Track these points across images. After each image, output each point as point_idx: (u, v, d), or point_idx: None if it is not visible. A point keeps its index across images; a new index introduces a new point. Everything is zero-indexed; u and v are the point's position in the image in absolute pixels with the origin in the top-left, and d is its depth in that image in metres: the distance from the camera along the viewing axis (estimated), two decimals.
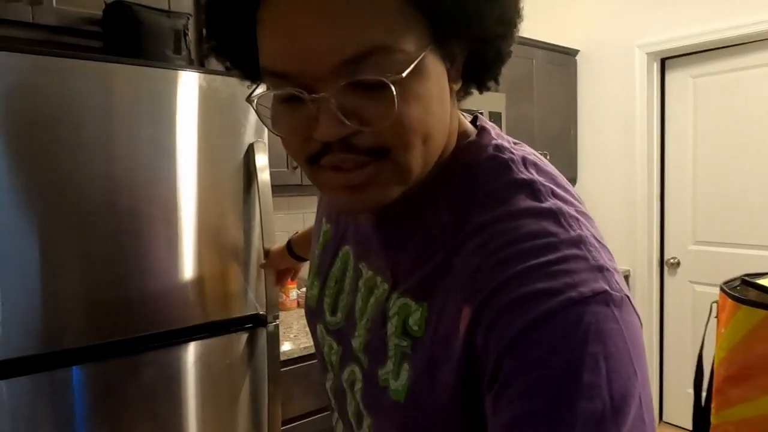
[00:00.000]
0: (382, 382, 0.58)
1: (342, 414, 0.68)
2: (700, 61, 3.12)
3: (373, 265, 0.62)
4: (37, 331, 1.29)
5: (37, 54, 1.29)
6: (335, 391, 0.68)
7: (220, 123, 1.56)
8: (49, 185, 1.30)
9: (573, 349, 0.44)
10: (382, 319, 0.59)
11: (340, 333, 0.66)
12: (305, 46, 0.46)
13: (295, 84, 0.47)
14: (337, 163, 0.50)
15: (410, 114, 0.48)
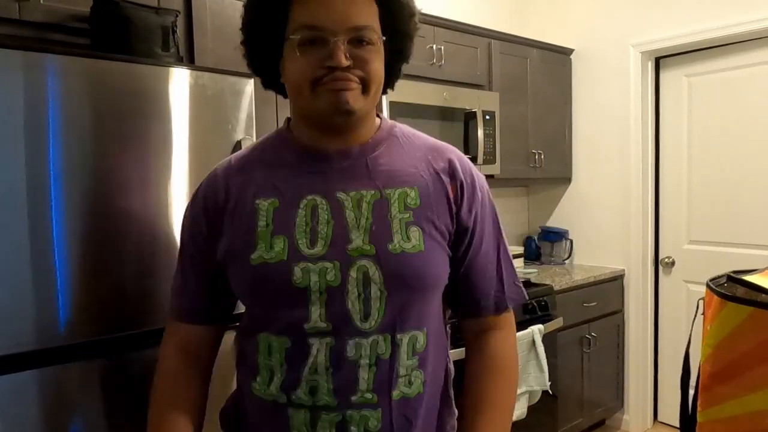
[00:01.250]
0: (396, 251, 0.89)
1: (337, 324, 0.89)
2: (695, 60, 3.12)
3: (355, 188, 0.92)
4: (27, 328, 1.28)
5: (25, 50, 1.28)
6: (328, 302, 0.89)
7: (209, 120, 1.56)
8: (38, 182, 1.29)
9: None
10: (385, 208, 0.91)
11: (331, 252, 0.89)
12: (335, 14, 0.86)
13: (323, 33, 0.86)
14: (337, 79, 0.87)
15: (377, 66, 0.91)
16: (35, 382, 1.30)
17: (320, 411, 0.90)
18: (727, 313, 0.99)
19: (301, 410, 0.91)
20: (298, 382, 0.91)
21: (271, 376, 0.93)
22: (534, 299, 2.69)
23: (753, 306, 0.96)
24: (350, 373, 0.90)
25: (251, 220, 0.93)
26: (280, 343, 0.91)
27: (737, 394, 1.00)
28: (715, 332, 1.01)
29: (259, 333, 0.94)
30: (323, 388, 0.90)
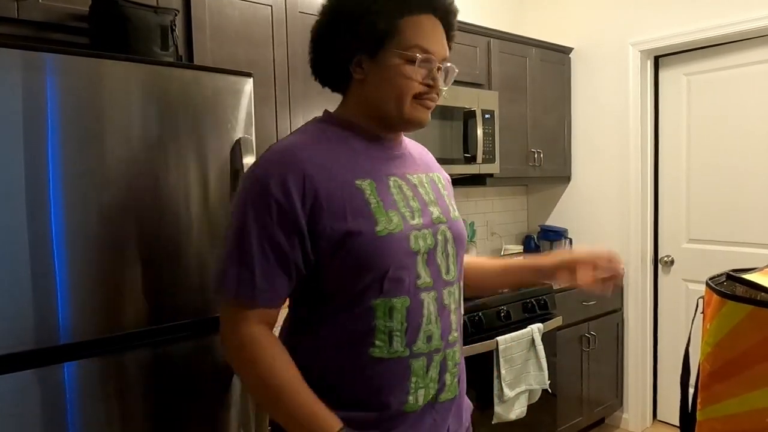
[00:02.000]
0: (455, 218, 1.17)
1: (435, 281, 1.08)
2: (694, 58, 3.12)
3: (414, 171, 1.15)
4: (26, 328, 1.28)
5: (24, 49, 1.27)
6: (428, 261, 1.08)
7: (208, 119, 1.55)
8: (37, 181, 1.29)
9: None
10: (436, 187, 1.17)
11: (425, 221, 1.09)
12: (441, 44, 1.09)
13: (432, 56, 1.06)
14: (432, 99, 1.09)
15: None
16: (35, 382, 1.29)
17: (432, 355, 1.08)
18: (726, 311, 0.99)
19: (420, 358, 1.06)
20: (418, 335, 1.06)
21: (390, 337, 1.04)
22: (533, 298, 2.69)
23: (752, 304, 0.96)
24: (447, 318, 1.11)
25: (358, 199, 1.03)
26: (402, 302, 1.03)
27: (737, 393, 1.00)
28: (715, 331, 1.01)
29: (371, 301, 1.02)
30: (435, 334, 1.08)
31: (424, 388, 1.08)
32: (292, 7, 2.21)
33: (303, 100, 2.25)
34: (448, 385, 1.12)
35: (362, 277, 1.02)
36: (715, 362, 1.01)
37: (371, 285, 1.02)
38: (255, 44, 2.10)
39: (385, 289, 1.02)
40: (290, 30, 2.21)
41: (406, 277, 1.04)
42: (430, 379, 1.08)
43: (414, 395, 1.06)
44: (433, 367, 1.08)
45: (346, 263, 1.01)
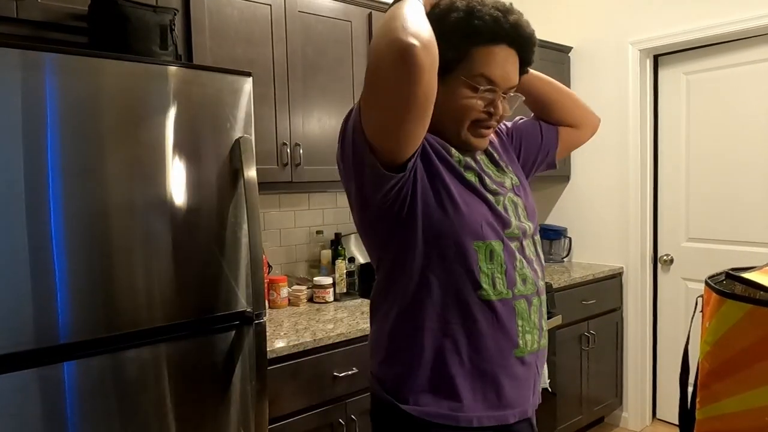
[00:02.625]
0: (516, 183, 1.23)
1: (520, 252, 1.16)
2: (693, 57, 3.12)
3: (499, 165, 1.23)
4: (26, 327, 1.28)
5: (23, 49, 1.27)
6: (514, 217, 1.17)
7: (207, 118, 1.55)
8: (37, 181, 1.29)
9: None
10: (495, 160, 1.23)
11: (499, 187, 1.17)
12: (507, 75, 1.11)
13: (495, 87, 1.10)
14: (488, 126, 1.14)
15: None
16: (35, 381, 1.30)
17: (531, 298, 1.15)
18: (725, 310, 0.99)
19: (522, 300, 1.13)
20: (515, 277, 1.13)
21: (493, 279, 1.10)
22: None
23: (751, 303, 0.96)
24: (533, 266, 1.18)
25: (451, 156, 1.15)
26: (498, 246, 1.10)
27: (736, 391, 1.00)
28: (714, 329, 1.01)
29: (474, 242, 1.09)
30: (529, 278, 1.15)
31: (530, 332, 1.14)
32: (291, 6, 2.21)
33: (302, 100, 2.25)
34: (544, 330, 1.19)
35: (466, 219, 1.10)
36: (714, 361, 1.01)
37: (473, 228, 1.09)
38: (254, 43, 2.10)
39: (484, 233, 1.09)
40: (289, 29, 2.21)
41: (499, 225, 1.13)
42: (533, 324, 1.15)
43: (523, 339, 1.13)
44: (533, 311, 1.15)
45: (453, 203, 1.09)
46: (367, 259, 2.82)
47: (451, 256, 1.08)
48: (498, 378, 1.11)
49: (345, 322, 2.17)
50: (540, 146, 1.36)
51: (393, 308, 1.13)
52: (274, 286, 2.40)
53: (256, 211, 1.61)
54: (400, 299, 1.12)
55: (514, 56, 1.13)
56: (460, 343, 1.10)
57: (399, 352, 1.13)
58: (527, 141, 1.35)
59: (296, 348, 1.89)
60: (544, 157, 1.37)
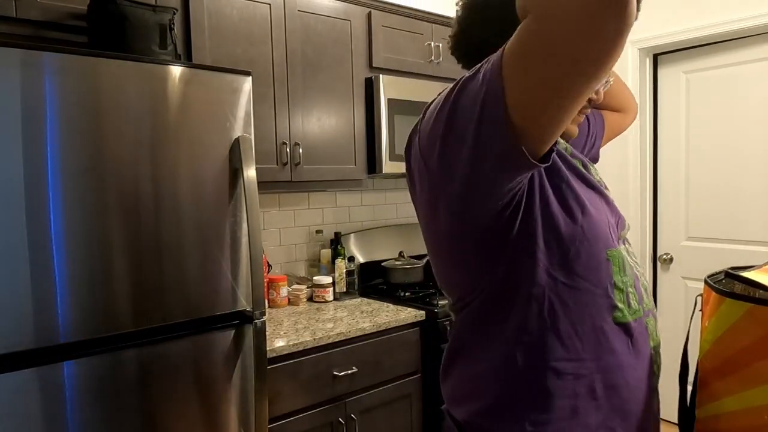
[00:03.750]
0: (605, 187, 1.00)
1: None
2: (693, 56, 3.12)
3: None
4: (26, 327, 1.28)
5: (23, 48, 1.27)
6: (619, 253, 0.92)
7: (207, 117, 1.55)
8: (36, 180, 1.29)
9: None
10: (584, 164, 0.98)
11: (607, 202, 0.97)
12: None
13: None
14: (584, 112, 1.02)
15: None
16: (35, 381, 1.30)
17: (650, 315, 0.96)
18: (725, 309, 0.99)
19: (650, 316, 0.95)
20: (641, 289, 0.95)
21: (626, 295, 0.90)
22: None
23: (751, 302, 0.96)
24: (638, 280, 0.96)
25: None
26: (624, 253, 0.92)
27: (736, 390, 1.00)
28: (714, 328, 1.01)
29: (607, 250, 0.88)
30: (644, 294, 0.96)
31: (659, 356, 0.97)
32: (290, 5, 2.21)
33: (302, 99, 2.25)
34: (657, 359, 0.98)
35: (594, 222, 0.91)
36: (713, 360, 1.01)
37: (599, 232, 0.90)
38: (254, 43, 2.10)
39: (609, 241, 0.88)
40: (289, 28, 2.21)
41: (617, 221, 0.96)
42: (657, 343, 0.97)
43: (657, 364, 0.97)
44: (653, 330, 0.95)
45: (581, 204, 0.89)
46: (366, 258, 2.82)
47: (581, 271, 0.86)
48: (640, 417, 0.92)
49: (345, 321, 2.17)
50: (587, 135, 1.22)
51: (498, 349, 0.89)
52: (274, 286, 2.40)
53: (256, 210, 1.61)
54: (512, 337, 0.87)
55: None
56: (596, 383, 0.87)
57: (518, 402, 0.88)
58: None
59: (296, 347, 1.89)
60: (590, 148, 1.24)
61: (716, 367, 1.00)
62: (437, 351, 2.26)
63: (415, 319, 2.27)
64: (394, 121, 2.47)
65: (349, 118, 2.40)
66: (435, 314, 2.29)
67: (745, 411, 0.97)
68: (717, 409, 1.01)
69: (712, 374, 1.01)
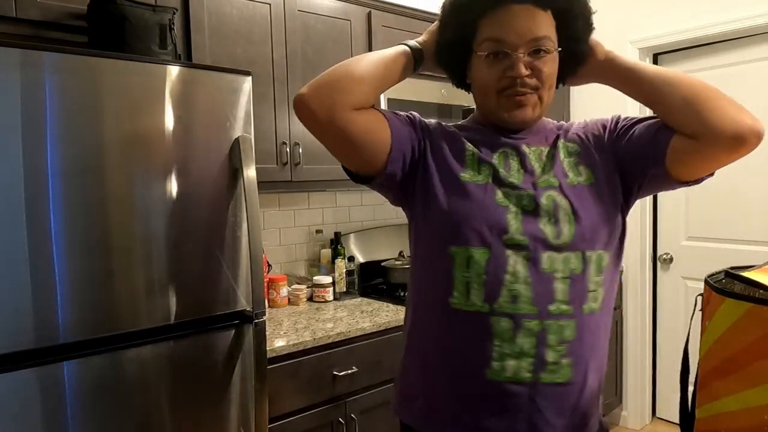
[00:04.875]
0: (572, 183, 1.06)
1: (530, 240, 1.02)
2: (692, 56, 3.12)
3: (533, 145, 1.10)
4: (26, 327, 1.28)
5: (23, 48, 1.27)
6: (524, 221, 1.03)
7: (207, 117, 1.55)
8: (36, 180, 1.29)
9: None
10: (555, 156, 1.09)
11: (526, 185, 1.05)
12: (517, 29, 1.00)
13: (505, 47, 1.01)
14: (517, 93, 1.03)
15: (551, 73, 1.05)
16: (35, 380, 1.30)
17: (521, 319, 0.99)
18: (725, 309, 0.99)
19: (504, 319, 1.00)
20: (500, 291, 1.00)
21: (467, 288, 1.02)
22: None
23: (751, 302, 0.96)
24: (547, 285, 1.00)
25: (460, 150, 1.10)
26: (481, 254, 1.01)
27: (736, 390, 1.00)
28: (714, 328, 1.01)
29: (451, 247, 1.02)
30: (524, 297, 1.00)
31: (515, 358, 1.00)
32: (290, 5, 2.21)
33: None
34: (550, 363, 1.00)
35: (446, 221, 1.04)
36: (713, 360, 1.01)
37: (452, 230, 1.02)
38: (254, 43, 2.10)
39: (464, 237, 1.01)
40: (289, 28, 2.21)
41: (488, 229, 1.01)
42: (521, 350, 0.99)
43: (500, 362, 1.00)
44: (522, 335, 0.99)
45: (438, 205, 1.05)
46: (366, 258, 2.82)
47: (434, 256, 1.05)
48: (465, 399, 1.03)
49: (345, 321, 2.17)
50: (638, 154, 1.06)
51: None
52: (274, 286, 2.40)
53: (256, 210, 1.61)
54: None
55: (530, 10, 1.01)
56: (430, 357, 1.07)
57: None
58: (631, 144, 1.08)
59: (296, 347, 1.89)
60: (643, 169, 1.06)
61: (716, 366, 1.00)
62: None
63: None
64: None
65: None
66: None
67: (745, 411, 0.97)
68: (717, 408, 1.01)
69: (713, 374, 1.01)
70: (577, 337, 1.02)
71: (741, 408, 0.97)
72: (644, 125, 1.08)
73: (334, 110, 0.99)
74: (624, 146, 1.09)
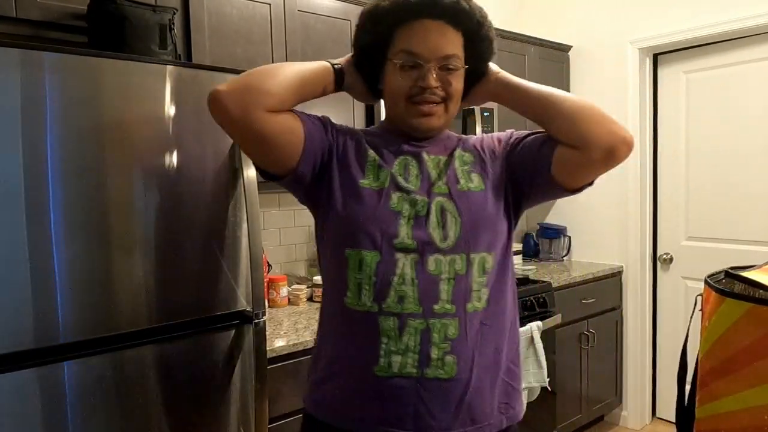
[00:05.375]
0: (462, 189, 1.14)
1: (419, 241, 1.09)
2: (693, 56, 3.12)
3: (433, 153, 1.18)
4: (26, 327, 1.28)
5: (23, 48, 1.27)
6: (414, 226, 1.10)
7: (207, 117, 1.54)
8: (37, 180, 1.29)
9: None
10: (450, 164, 1.17)
11: (421, 191, 1.13)
12: (429, 45, 1.10)
13: (418, 59, 1.10)
14: (425, 101, 1.11)
15: (458, 88, 1.14)
16: (35, 381, 1.30)
17: (406, 318, 1.07)
18: (725, 309, 0.99)
19: (390, 318, 1.08)
20: (388, 292, 1.08)
21: (359, 289, 1.10)
22: (532, 296, 2.69)
23: (750, 302, 0.96)
24: (432, 285, 1.08)
25: (361, 156, 1.16)
26: (372, 257, 1.08)
27: (735, 390, 1.00)
28: (713, 328, 1.01)
29: (346, 250, 1.10)
30: (410, 297, 1.07)
31: (400, 354, 1.07)
32: (290, 5, 2.21)
33: None
34: (434, 359, 1.07)
35: (342, 225, 1.12)
36: (713, 359, 1.01)
37: (347, 233, 1.10)
38: (254, 43, 2.10)
39: (357, 241, 1.07)
40: (289, 28, 2.21)
41: (380, 232, 1.09)
42: (406, 347, 1.07)
43: (386, 359, 1.07)
44: (408, 333, 1.07)
45: (336, 209, 1.12)
46: None
47: (332, 257, 1.14)
48: (357, 393, 1.11)
49: None
50: (528, 164, 1.17)
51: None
52: (274, 286, 2.40)
53: (256, 210, 1.61)
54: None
55: (442, 27, 1.11)
56: (326, 348, 1.16)
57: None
58: (521, 155, 1.19)
59: (296, 347, 1.89)
60: (531, 177, 1.17)
61: (716, 366, 1.01)
62: None
63: None
64: None
65: (348, 117, 2.40)
66: None
67: (745, 410, 0.97)
68: (717, 408, 1.01)
69: (712, 374, 1.01)
70: (460, 336, 1.09)
71: (741, 408, 0.97)
72: (533, 138, 1.19)
73: (248, 110, 1.03)
74: (515, 157, 1.19)
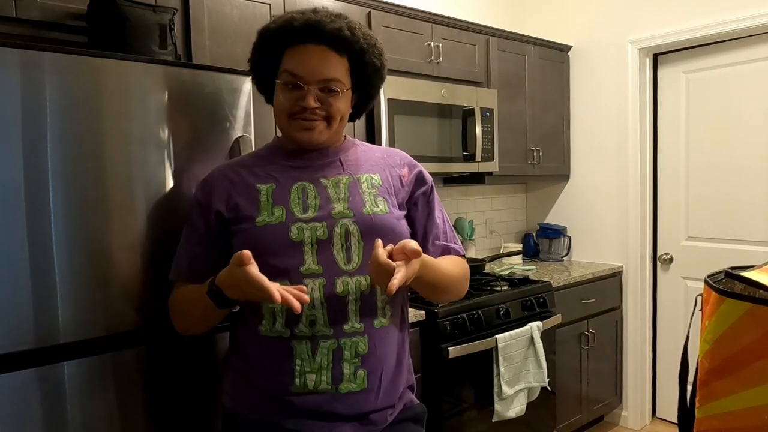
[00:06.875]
0: (367, 212, 1.22)
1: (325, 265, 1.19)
2: (693, 56, 3.12)
3: (333, 175, 1.27)
4: (26, 327, 1.28)
5: (23, 48, 1.27)
6: (318, 251, 1.18)
7: (207, 118, 1.55)
8: (37, 180, 1.28)
9: None
10: (356, 186, 1.25)
11: (321, 216, 1.20)
12: (311, 68, 1.20)
13: (299, 81, 1.20)
14: (305, 118, 1.21)
15: (340, 108, 1.24)
16: (35, 381, 1.30)
17: (318, 340, 1.17)
18: (725, 309, 0.99)
19: (303, 341, 1.17)
20: (299, 318, 1.15)
21: (274, 317, 1.18)
22: (532, 296, 2.70)
23: (751, 302, 0.96)
24: (340, 307, 1.17)
25: (253, 198, 1.23)
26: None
27: (735, 390, 1.00)
28: (714, 328, 1.01)
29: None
30: (320, 320, 1.16)
31: (314, 373, 1.17)
32: (290, 5, 2.21)
33: None
34: (347, 375, 1.17)
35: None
36: (713, 359, 1.01)
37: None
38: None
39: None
40: None
41: (286, 263, 1.16)
42: (319, 366, 1.16)
43: (301, 378, 1.17)
44: (320, 354, 1.16)
45: (239, 245, 1.18)
46: None
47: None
48: (278, 411, 1.19)
49: None
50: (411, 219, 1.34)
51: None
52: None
53: None
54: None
55: (325, 52, 1.21)
56: (244, 367, 1.26)
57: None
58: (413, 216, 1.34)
59: None
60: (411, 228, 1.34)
61: (716, 366, 1.00)
62: (437, 351, 2.27)
63: (415, 319, 2.27)
64: (394, 121, 2.48)
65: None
66: (435, 314, 2.29)
67: (745, 411, 0.97)
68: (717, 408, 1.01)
69: (712, 374, 1.01)
70: (370, 351, 1.19)
71: (741, 408, 0.97)
72: (425, 222, 1.35)
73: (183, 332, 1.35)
74: (410, 206, 1.33)
